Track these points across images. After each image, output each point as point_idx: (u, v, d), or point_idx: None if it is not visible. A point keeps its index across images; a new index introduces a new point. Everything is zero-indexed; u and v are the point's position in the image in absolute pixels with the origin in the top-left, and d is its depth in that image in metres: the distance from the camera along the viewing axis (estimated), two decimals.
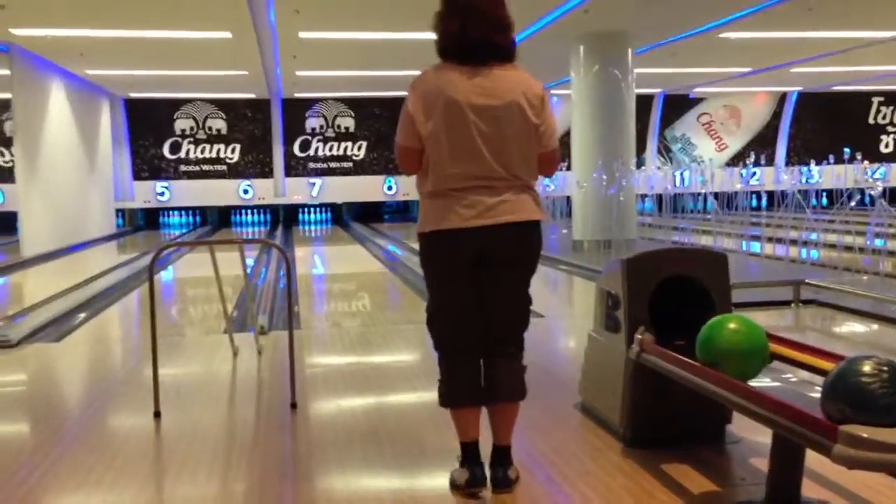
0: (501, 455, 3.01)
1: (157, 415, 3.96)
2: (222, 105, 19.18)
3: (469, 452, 2.99)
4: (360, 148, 19.70)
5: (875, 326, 6.18)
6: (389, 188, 19.85)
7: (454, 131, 2.80)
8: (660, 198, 14.51)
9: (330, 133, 19.68)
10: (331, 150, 19.69)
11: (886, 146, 21.85)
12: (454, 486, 3.00)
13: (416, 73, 3.07)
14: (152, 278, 4.15)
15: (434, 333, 3.02)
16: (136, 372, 5.03)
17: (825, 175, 15.22)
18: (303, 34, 11.11)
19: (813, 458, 2.53)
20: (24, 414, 4.34)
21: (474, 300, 2.94)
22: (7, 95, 12.43)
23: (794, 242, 9.94)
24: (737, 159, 20.19)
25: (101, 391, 4.63)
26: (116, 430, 4.00)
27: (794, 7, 10.00)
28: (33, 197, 12.62)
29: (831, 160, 11.83)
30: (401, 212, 20.65)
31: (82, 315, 7.28)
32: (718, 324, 2.91)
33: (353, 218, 19.56)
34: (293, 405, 4.08)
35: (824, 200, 13.38)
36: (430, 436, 3.65)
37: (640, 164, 17.04)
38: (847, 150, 11.78)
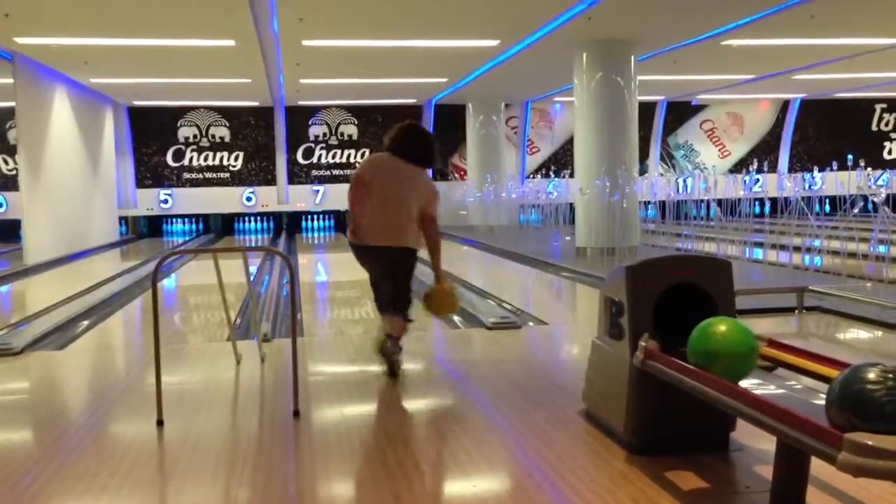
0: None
1: (160, 422, 3.95)
2: (226, 113, 19.22)
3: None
4: (363, 155, 19.72)
5: (879, 333, 6.16)
6: None
7: None
8: (663, 204, 14.50)
9: (333, 141, 19.72)
10: (334, 157, 19.73)
11: (890, 153, 21.84)
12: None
13: (419, 80, 3.14)
14: (155, 286, 4.15)
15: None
16: (140, 380, 5.03)
17: (828, 182, 15.21)
18: (306, 42, 11.14)
19: (818, 466, 2.52)
20: (28, 422, 4.34)
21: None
22: (11, 104, 12.46)
23: (797, 249, 9.93)
24: (740, 166, 20.19)
25: (105, 399, 4.63)
26: (120, 437, 4.00)
27: (796, 15, 10.01)
28: (37, 205, 12.65)
29: (834, 167, 11.81)
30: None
31: (85, 323, 7.29)
32: (708, 327, 2.97)
33: None
34: (296, 413, 4.07)
35: (827, 207, 13.35)
36: (433, 443, 3.64)
37: (643, 170, 17.05)
38: (850, 156, 11.77)
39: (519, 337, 6.13)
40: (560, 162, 20.03)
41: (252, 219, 19.88)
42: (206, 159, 19.32)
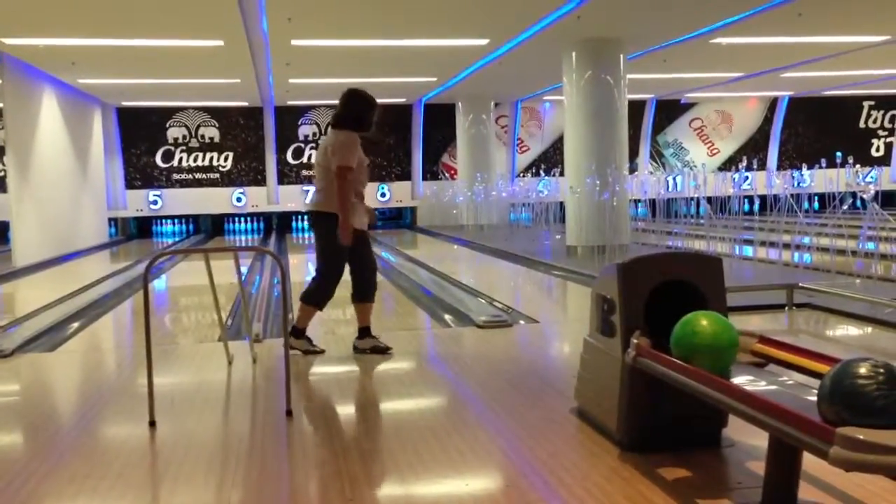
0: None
1: (152, 423, 3.94)
2: (215, 113, 19.17)
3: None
4: None
5: (869, 329, 6.20)
6: (383, 195, 19.85)
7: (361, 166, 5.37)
8: (653, 202, 14.54)
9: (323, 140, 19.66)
10: None
11: (877, 150, 21.95)
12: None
13: (408, 80, 3.17)
14: (147, 286, 4.14)
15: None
16: (131, 381, 5.01)
17: (817, 179, 15.27)
18: (295, 42, 11.12)
19: (810, 461, 2.54)
20: (19, 424, 4.32)
21: None
22: None
23: (787, 246, 9.97)
24: (729, 164, 20.27)
25: (96, 400, 4.61)
26: (112, 439, 3.98)
27: (784, 13, 10.05)
28: (25, 206, 12.58)
29: (823, 164, 11.86)
30: (394, 218, 20.64)
31: (76, 324, 7.26)
32: (689, 321, 3.06)
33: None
34: (288, 413, 4.07)
35: (816, 204, 13.41)
36: (427, 443, 3.64)
37: (632, 169, 17.09)
38: (838, 153, 11.83)
39: (510, 335, 6.14)
40: (550, 161, 20.05)
41: (242, 219, 19.83)
42: (195, 160, 19.26)
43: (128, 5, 9.08)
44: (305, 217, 5.35)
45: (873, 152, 21.83)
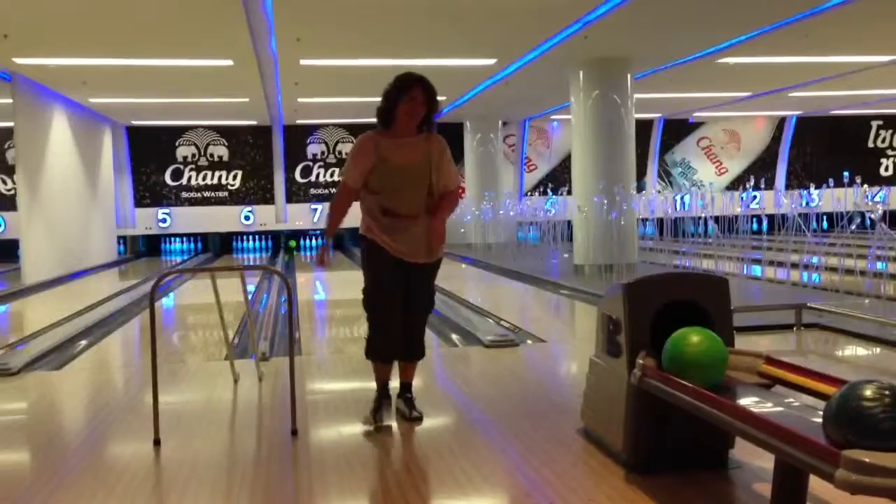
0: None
1: (156, 442, 3.94)
2: (224, 132, 19.28)
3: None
4: None
5: (878, 350, 6.16)
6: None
7: None
8: (661, 221, 14.52)
9: (331, 159, 19.76)
10: (332, 175, 19.77)
11: (886, 169, 21.91)
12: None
13: None
14: (153, 305, 4.15)
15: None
16: (138, 399, 5.02)
17: (825, 198, 15.24)
18: (304, 61, 11.19)
19: (816, 483, 2.52)
20: (25, 442, 4.33)
21: None
22: (10, 124, 12.50)
23: (795, 266, 9.94)
24: (737, 183, 20.24)
25: (102, 419, 4.62)
26: (117, 457, 3.98)
27: (791, 33, 10.07)
28: (35, 225, 12.65)
29: (831, 183, 11.84)
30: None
31: (83, 342, 7.27)
32: (682, 337, 3.12)
33: (354, 243, 19.57)
34: (294, 432, 4.06)
35: (824, 224, 13.38)
36: (432, 462, 3.63)
37: (640, 188, 17.09)
38: (846, 173, 11.82)
39: (517, 355, 6.13)
40: (558, 179, 20.07)
41: (250, 237, 19.89)
42: (204, 178, 19.35)
43: (138, 26, 9.16)
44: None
45: (882, 172, 21.78)
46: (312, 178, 19.71)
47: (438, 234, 4.11)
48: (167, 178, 19.18)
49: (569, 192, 12.61)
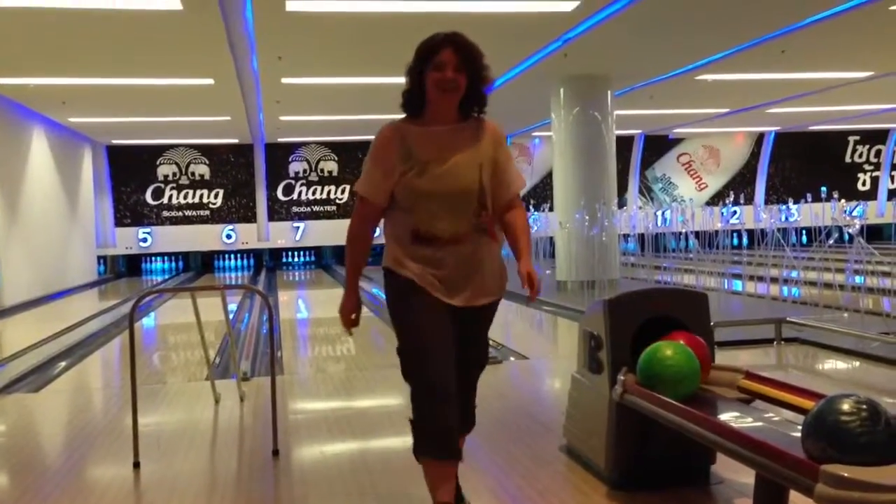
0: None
1: (136, 465, 3.91)
2: (205, 150, 19.23)
3: None
4: (343, 191, 19.77)
5: (857, 363, 6.21)
6: (372, 232, 19.84)
7: None
8: (642, 237, 14.59)
9: (313, 177, 19.75)
10: (314, 193, 19.75)
11: (864, 184, 22.14)
12: None
13: (399, 117, 3.01)
14: (132, 326, 4.12)
15: None
16: (118, 421, 4.97)
17: (804, 213, 15.38)
18: (286, 80, 11.19)
19: (796, 498, 2.53)
20: (4, 465, 4.27)
21: None
22: None
23: (774, 280, 10.01)
24: (717, 198, 20.41)
25: (81, 441, 4.57)
26: (96, 480, 3.94)
27: (767, 50, 10.20)
28: (14, 245, 12.54)
29: (809, 198, 11.95)
30: (381, 254, 20.60)
31: (62, 364, 7.20)
32: (653, 351, 3.16)
33: (336, 262, 19.53)
34: (275, 452, 4.04)
35: (804, 238, 13.49)
36: (414, 481, 3.61)
37: (621, 204, 17.16)
38: (824, 188, 11.93)
39: (500, 372, 6.12)
40: (539, 196, 20.13)
41: (232, 256, 19.81)
42: (185, 197, 19.28)
43: (118, 45, 9.13)
44: None
45: (859, 186, 22.01)
46: (294, 195, 19.68)
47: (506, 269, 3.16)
48: (148, 197, 19.09)
49: (551, 209, 12.65)
